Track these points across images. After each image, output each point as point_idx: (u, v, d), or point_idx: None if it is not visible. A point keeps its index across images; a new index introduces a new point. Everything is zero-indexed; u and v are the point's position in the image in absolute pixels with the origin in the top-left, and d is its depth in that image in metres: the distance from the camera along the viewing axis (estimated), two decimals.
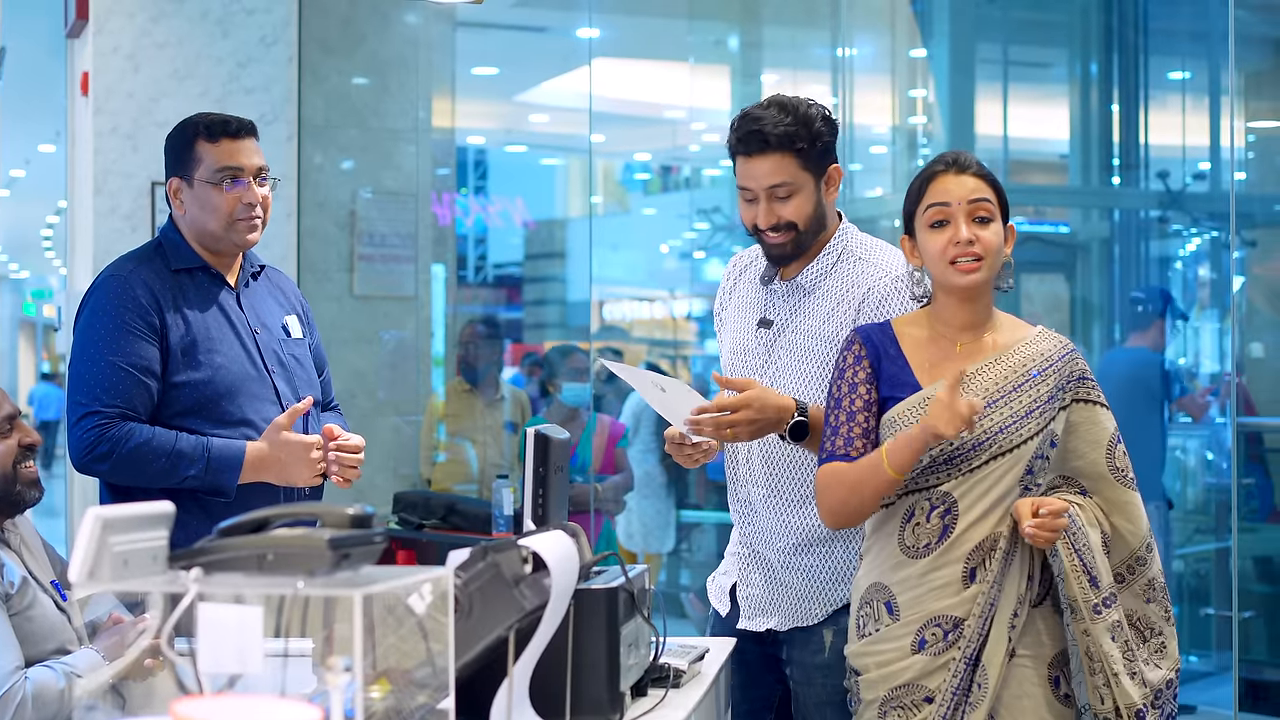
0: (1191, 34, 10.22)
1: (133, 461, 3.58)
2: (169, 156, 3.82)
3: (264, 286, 3.92)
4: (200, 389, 3.67)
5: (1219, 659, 7.96)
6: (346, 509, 2.06)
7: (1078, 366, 3.25)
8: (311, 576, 1.96)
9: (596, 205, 13.87)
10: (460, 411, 8.41)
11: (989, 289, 3.25)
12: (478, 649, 2.25)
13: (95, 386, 3.62)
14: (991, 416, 3.16)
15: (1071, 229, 10.44)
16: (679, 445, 3.57)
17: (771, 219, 3.49)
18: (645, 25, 11.42)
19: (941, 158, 3.28)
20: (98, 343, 3.66)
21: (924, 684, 3.14)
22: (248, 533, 2.08)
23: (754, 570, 3.68)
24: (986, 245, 3.18)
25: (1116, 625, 3.14)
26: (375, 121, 8.26)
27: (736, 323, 3.73)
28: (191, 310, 3.72)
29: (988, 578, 3.11)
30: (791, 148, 3.45)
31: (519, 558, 2.34)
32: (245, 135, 3.78)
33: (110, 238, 6.96)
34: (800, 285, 3.59)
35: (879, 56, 9.95)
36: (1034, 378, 3.19)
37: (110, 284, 3.72)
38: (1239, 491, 6.46)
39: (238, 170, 3.74)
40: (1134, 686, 3.14)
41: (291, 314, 3.93)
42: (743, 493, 3.69)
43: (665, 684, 3.01)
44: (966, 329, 3.25)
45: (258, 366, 3.75)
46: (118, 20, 7.00)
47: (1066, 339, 3.30)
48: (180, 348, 3.66)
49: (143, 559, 1.99)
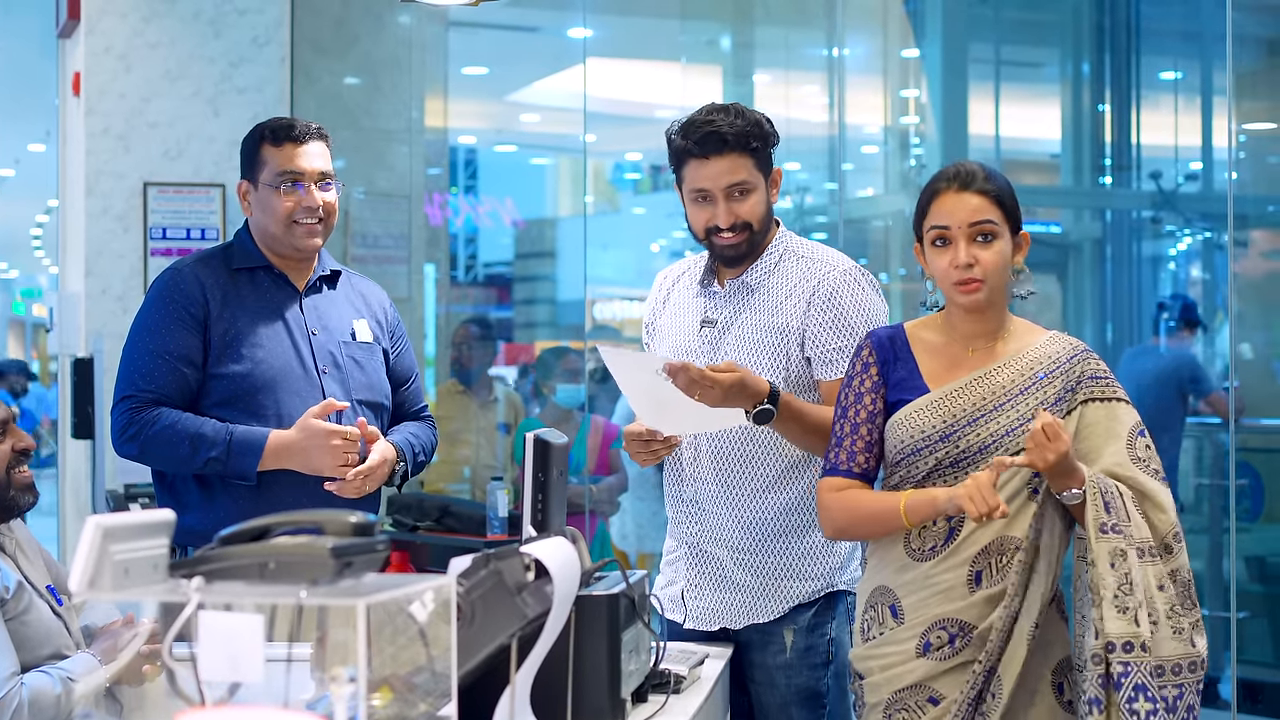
0: (1183, 34, 10.22)
1: (158, 443, 3.72)
2: (242, 159, 3.94)
3: (342, 291, 3.99)
4: (237, 381, 3.76)
5: (1213, 659, 7.95)
6: (349, 516, 2.04)
7: (1089, 367, 3.20)
8: (314, 585, 1.95)
9: (588, 205, 13.85)
10: (453, 413, 8.39)
11: (999, 300, 3.23)
12: (480, 656, 2.24)
13: (134, 373, 3.77)
14: (998, 420, 3.14)
15: (1063, 229, 10.44)
16: (645, 441, 3.55)
17: (731, 218, 3.57)
18: (637, 25, 11.39)
19: (944, 173, 3.25)
20: (142, 332, 3.81)
21: (931, 685, 3.12)
22: (249, 540, 2.06)
23: (702, 572, 3.68)
24: (986, 267, 3.16)
25: (1119, 554, 3.00)
26: (368, 122, 8.24)
27: (674, 329, 3.76)
28: (243, 306, 3.82)
29: (997, 584, 3.08)
30: (747, 147, 3.55)
31: (521, 565, 2.33)
32: (310, 140, 3.87)
33: (102, 238, 6.95)
34: (745, 284, 3.65)
35: (871, 56, 9.93)
36: (1040, 380, 3.17)
37: (164, 278, 3.87)
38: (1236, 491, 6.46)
39: (298, 175, 3.83)
40: (1116, 618, 2.97)
41: (364, 319, 3.97)
42: (689, 492, 3.68)
43: (666, 690, 3.00)
44: (978, 336, 3.24)
45: (306, 366, 3.82)
46: (109, 20, 6.98)
47: (1079, 341, 3.27)
48: (223, 341, 3.77)
49: (143, 567, 1.97)
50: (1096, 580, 3.01)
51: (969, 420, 3.15)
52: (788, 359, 3.57)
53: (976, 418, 3.15)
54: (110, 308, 6.92)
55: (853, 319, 3.54)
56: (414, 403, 4.08)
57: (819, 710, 3.58)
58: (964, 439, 3.13)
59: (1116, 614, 2.98)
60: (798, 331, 3.57)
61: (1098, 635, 2.99)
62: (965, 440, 3.13)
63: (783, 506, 3.59)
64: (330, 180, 3.88)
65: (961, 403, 3.17)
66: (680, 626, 3.70)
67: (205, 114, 7.02)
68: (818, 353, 3.55)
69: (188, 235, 6.93)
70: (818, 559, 3.60)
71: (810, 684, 3.58)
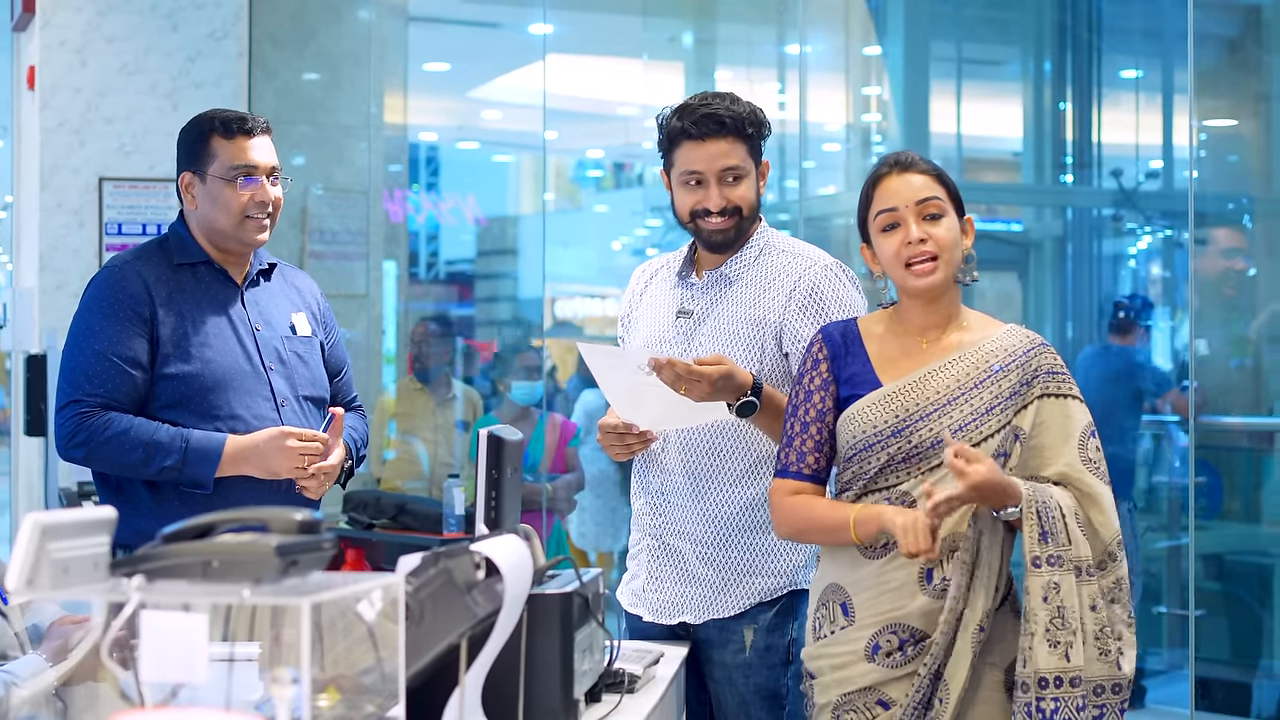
0: (1145, 32, 10.24)
1: (109, 450, 3.61)
2: (181, 150, 3.81)
3: (277, 284, 3.91)
4: (189, 382, 3.66)
5: (1170, 657, 7.97)
6: (294, 514, 2.00)
7: (1046, 361, 3.17)
8: (258, 584, 1.91)
9: (549, 202, 13.81)
10: (411, 410, 8.35)
11: (952, 288, 3.21)
12: (429, 657, 2.21)
13: (79, 376, 3.65)
14: (951, 414, 3.11)
15: (1024, 227, 10.44)
16: (620, 435, 3.55)
17: (722, 201, 3.57)
18: (599, 21, 11.36)
19: (884, 160, 3.25)
20: (86, 333, 3.69)
21: (881, 689, 3.10)
22: (193, 538, 2.02)
23: (665, 564, 3.66)
24: (940, 242, 3.14)
25: (1052, 587, 2.99)
26: (326, 117, 8.20)
27: (650, 319, 3.75)
28: (187, 304, 3.72)
29: (948, 584, 3.06)
30: (743, 132, 3.57)
31: (471, 563, 2.30)
32: (260, 133, 3.79)
33: (57, 233, 6.89)
34: (724, 275, 3.63)
35: (833, 54, 9.92)
36: (995, 373, 3.14)
37: (104, 276, 3.75)
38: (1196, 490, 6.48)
39: (252, 168, 3.75)
40: (1048, 654, 2.96)
41: (302, 312, 3.91)
42: (655, 482, 3.67)
43: (620, 689, 2.98)
44: (932, 328, 3.22)
45: (254, 363, 3.74)
46: (65, 14, 6.92)
47: (1036, 334, 3.24)
48: (171, 341, 3.67)
49: (84, 566, 1.94)
50: (1029, 612, 3.00)
51: (921, 415, 3.12)
52: (762, 351, 3.55)
53: (929, 412, 3.12)
54: (65, 304, 6.85)
55: (833, 314, 3.52)
56: (346, 394, 4.03)
57: (778, 710, 3.56)
58: (916, 434, 3.10)
59: (1048, 649, 2.98)
60: (775, 325, 3.55)
61: (1025, 664, 2.99)
62: (918, 435, 3.10)
63: (748, 502, 3.57)
64: (278, 175, 3.81)
65: (914, 397, 3.13)
66: (641, 621, 3.68)
67: (162, 108, 6.97)
68: (796, 348, 3.52)
69: (144, 231, 6.87)
70: (781, 556, 3.58)
71: (769, 684, 3.55)
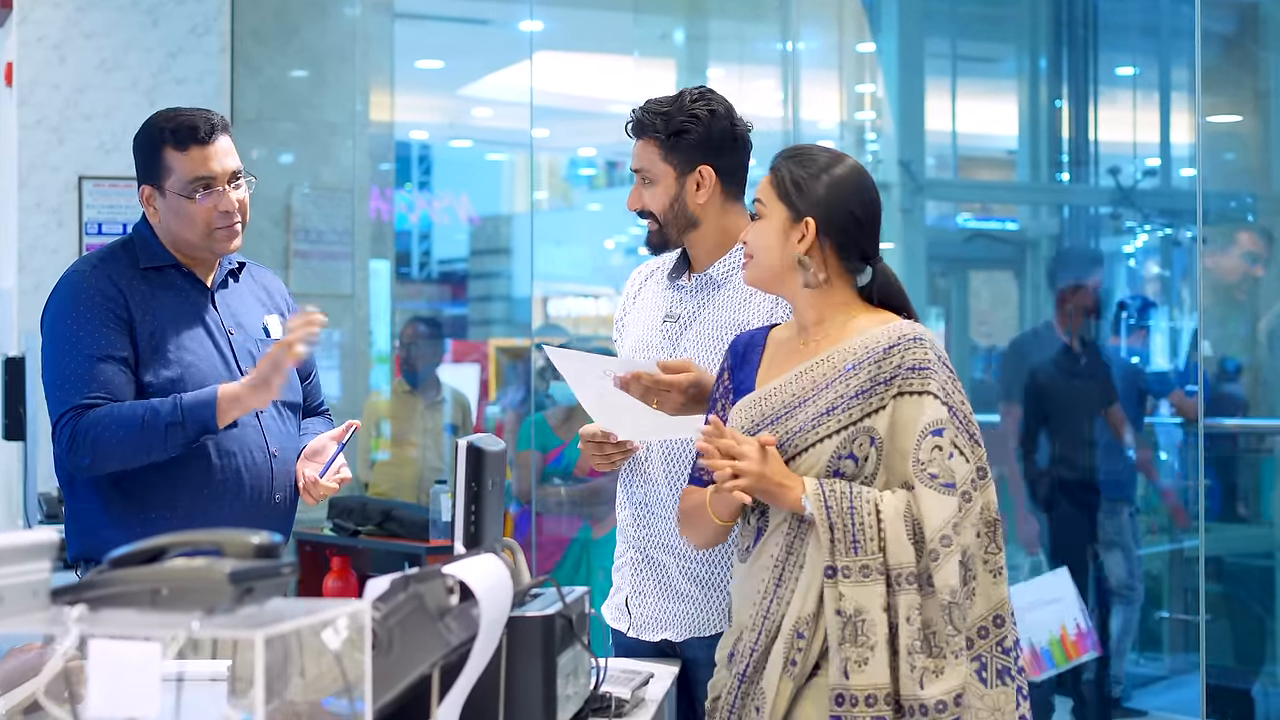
0: (1141, 29, 10.15)
1: (109, 435, 3.38)
2: (138, 161, 3.62)
3: (245, 285, 3.74)
4: (170, 388, 3.47)
5: (1172, 662, 7.87)
6: (251, 537, 1.86)
7: (911, 356, 2.95)
8: (210, 614, 1.77)
9: (540, 201, 13.70)
10: (400, 413, 8.22)
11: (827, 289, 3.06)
12: (399, 687, 2.07)
13: (76, 382, 3.43)
14: (796, 416, 2.99)
15: (1020, 225, 10.34)
16: (599, 444, 3.45)
17: (635, 203, 3.59)
18: (589, 18, 11.25)
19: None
20: (70, 339, 3.47)
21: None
22: (143, 562, 1.88)
23: (647, 578, 3.55)
24: (750, 244, 3.12)
25: (841, 598, 2.84)
26: (311, 115, 8.08)
27: (640, 323, 3.68)
28: (161, 308, 3.54)
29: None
30: (650, 135, 3.56)
31: (444, 588, 2.15)
32: (215, 137, 3.57)
33: (35, 232, 6.80)
34: (711, 278, 3.56)
35: (826, 51, 9.82)
36: (846, 372, 2.98)
37: (74, 280, 3.55)
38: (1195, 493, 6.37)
39: (210, 179, 3.54)
40: (858, 672, 2.81)
41: (273, 314, 3.75)
42: (639, 493, 3.56)
43: (606, 714, 2.85)
44: (810, 326, 3.09)
45: (230, 367, 3.57)
46: (43, 9, 6.82)
47: (918, 329, 3.01)
48: (149, 346, 3.48)
49: (21, 594, 1.79)
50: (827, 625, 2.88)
51: (773, 419, 3.00)
52: None
53: (779, 416, 3.00)
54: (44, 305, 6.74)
55: None
56: (315, 397, 3.88)
57: None
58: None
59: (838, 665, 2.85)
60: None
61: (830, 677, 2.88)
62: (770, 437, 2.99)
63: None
64: (241, 175, 3.61)
65: (773, 401, 3.02)
66: (625, 636, 3.58)
67: (142, 106, 6.82)
68: None
69: (125, 230, 6.71)
70: None
71: None
